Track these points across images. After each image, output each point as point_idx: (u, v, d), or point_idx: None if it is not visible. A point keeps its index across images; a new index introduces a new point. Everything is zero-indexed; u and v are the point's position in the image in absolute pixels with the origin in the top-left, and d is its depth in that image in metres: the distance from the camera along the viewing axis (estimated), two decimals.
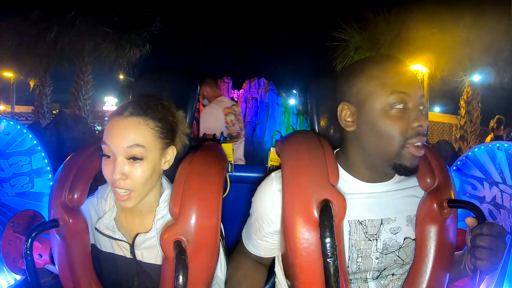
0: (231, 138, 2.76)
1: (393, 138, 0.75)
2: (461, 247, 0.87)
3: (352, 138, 0.82)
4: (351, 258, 0.81)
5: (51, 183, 1.10)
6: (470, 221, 0.76)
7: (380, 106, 0.75)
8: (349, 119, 0.80)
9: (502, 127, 5.01)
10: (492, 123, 5.09)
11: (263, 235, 0.87)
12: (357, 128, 0.80)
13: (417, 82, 0.77)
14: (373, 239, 0.81)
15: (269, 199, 0.85)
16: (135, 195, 0.78)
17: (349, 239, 0.80)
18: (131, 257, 0.86)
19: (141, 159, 0.76)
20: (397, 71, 0.77)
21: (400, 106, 0.74)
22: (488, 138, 5.17)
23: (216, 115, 2.75)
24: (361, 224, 0.81)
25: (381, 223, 0.82)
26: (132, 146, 0.75)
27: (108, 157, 0.77)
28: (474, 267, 0.73)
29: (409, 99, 0.75)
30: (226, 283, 0.90)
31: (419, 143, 0.75)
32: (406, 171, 0.77)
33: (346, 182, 0.83)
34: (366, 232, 0.81)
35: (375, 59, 0.80)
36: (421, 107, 0.76)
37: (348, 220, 0.80)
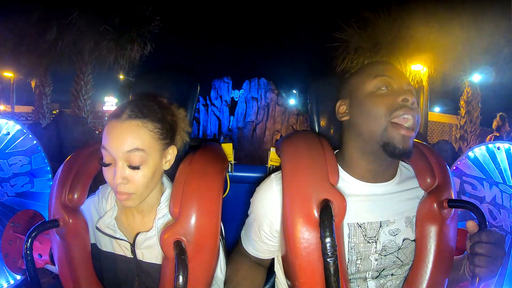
0: None
1: (379, 114, 0.78)
2: (461, 247, 0.87)
3: (348, 128, 0.86)
4: (350, 261, 0.81)
5: (51, 183, 1.10)
6: (471, 225, 0.75)
7: (367, 90, 0.82)
8: (343, 111, 0.87)
9: (507, 123, 4.82)
10: (496, 122, 4.89)
11: (263, 236, 0.87)
12: (350, 115, 0.85)
13: (402, 73, 0.84)
14: (372, 242, 0.81)
15: (268, 200, 0.85)
16: (135, 197, 0.78)
17: (349, 241, 0.80)
18: (132, 256, 0.86)
19: (138, 168, 0.76)
20: (380, 63, 0.86)
21: (384, 88, 0.80)
22: (488, 138, 5.01)
23: None
24: (360, 227, 0.81)
25: (380, 225, 0.81)
26: (132, 151, 0.74)
27: (109, 165, 0.76)
28: (473, 274, 0.73)
29: (393, 82, 0.81)
30: (225, 283, 0.90)
31: (406, 116, 0.76)
32: (395, 151, 0.76)
33: (346, 182, 0.83)
34: (365, 235, 0.81)
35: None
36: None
37: (348, 223, 0.80)
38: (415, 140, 0.97)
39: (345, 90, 0.87)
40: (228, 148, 1.20)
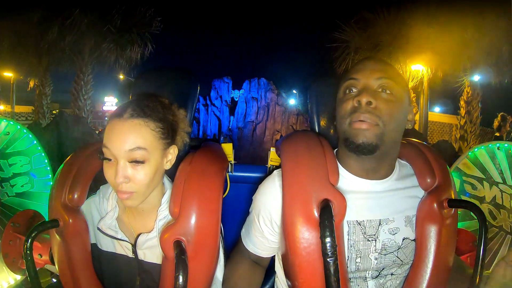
0: None
1: (341, 119, 0.82)
2: (461, 247, 0.87)
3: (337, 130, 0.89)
4: (350, 258, 0.81)
5: (51, 183, 1.10)
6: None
7: (339, 96, 0.86)
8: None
9: (508, 123, 4.84)
10: (497, 122, 4.91)
11: (264, 229, 0.87)
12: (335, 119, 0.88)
13: (371, 69, 0.81)
14: (372, 240, 0.81)
15: (270, 194, 0.85)
16: (137, 196, 0.78)
17: (348, 239, 0.80)
18: (133, 256, 0.86)
19: (143, 162, 0.76)
20: (355, 64, 0.87)
21: (348, 91, 0.82)
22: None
23: None
24: (360, 225, 0.81)
25: (380, 223, 0.82)
26: (134, 149, 0.74)
27: (110, 160, 0.76)
28: None
29: (357, 83, 0.81)
30: (223, 283, 0.90)
31: (360, 118, 0.77)
32: (353, 146, 0.79)
33: (346, 179, 0.84)
34: (365, 233, 0.81)
35: None
36: (379, 90, 0.79)
37: (347, 221, 0.80)
38: (415, 140, 0.97)
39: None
40: (228, 148, 1.21)
